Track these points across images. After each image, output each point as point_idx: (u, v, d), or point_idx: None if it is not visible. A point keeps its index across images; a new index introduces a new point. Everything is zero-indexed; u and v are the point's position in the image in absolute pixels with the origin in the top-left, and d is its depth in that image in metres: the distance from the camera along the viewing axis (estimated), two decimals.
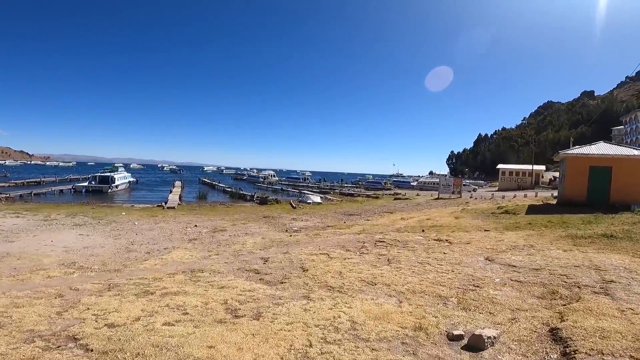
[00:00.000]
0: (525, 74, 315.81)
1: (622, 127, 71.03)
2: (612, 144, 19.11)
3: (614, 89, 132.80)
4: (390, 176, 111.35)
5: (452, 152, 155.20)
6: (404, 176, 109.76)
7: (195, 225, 15.72)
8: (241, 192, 40.54)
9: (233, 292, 5.23)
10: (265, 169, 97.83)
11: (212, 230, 14.43)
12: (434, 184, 61.26)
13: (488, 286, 5.03)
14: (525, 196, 35.51)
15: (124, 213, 20.43)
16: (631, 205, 14.73)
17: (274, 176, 76.00)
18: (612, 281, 4.84)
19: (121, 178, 44.33)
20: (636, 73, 69.17)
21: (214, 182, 58.77)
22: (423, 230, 12.20)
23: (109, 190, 38.58)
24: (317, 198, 34.82)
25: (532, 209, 16.63)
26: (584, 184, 16.74)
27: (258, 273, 6.78)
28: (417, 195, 45.94)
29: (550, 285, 4.87)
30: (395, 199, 40.09)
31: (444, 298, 4.66)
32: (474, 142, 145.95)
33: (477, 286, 5.05)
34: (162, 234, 13.27)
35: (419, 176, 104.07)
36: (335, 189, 57.75)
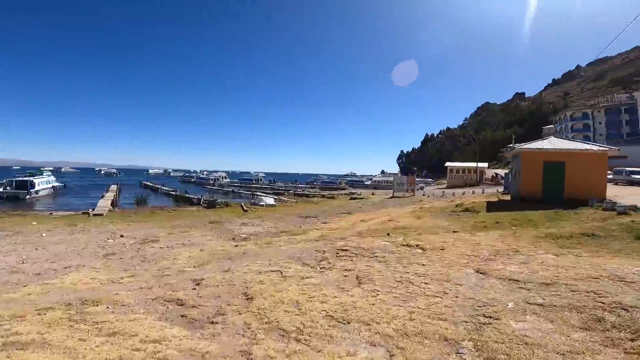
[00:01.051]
0: (466, 76, 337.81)
1: (552, 126, 77.24)
2: (563, 138, 19.39)
3: (542, 90, 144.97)
4: (344, 176, 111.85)
5: (402, 151, 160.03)
6: (357, 176, 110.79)
7: (122, 236, 13.10)
8: (187, 195, 37.17)
9: (127, 345, 3.33)
10: (216, 171, 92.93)
11: (141, 240, 11.98)
12: (387, 182, 61.94)
13: (504, 315, 3.66)
14: (473, 193, 36.39)
15: (34, 222, 16.96)
16: (589, 200, 14.71)
17: (226, 178, 72.22)
18: None
19: (43, 183, 38.66)
20: (562, 75, 75.55)
21: (157, 186, 53.98)
22: (388, 234, 10.91)
23: (27, 197, 33.30)
24: (270, 200, 32.75)
25: (491, 207, 16.20)
26: (539, 179, 16.65)
27: (182, 305, 4.88)
28: (372, 194, 45.65)
29: (584, 308, 3.64)
30: (352, 198, 39.27)
31: (454, 342, 3.19)
32: (422, 142, 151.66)
33: (490, 317, 3.66)
34: (71, 247, 10.61)
35: (372, 175, 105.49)
36: (289, 190, 55.89)
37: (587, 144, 17.78)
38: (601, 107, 64.79)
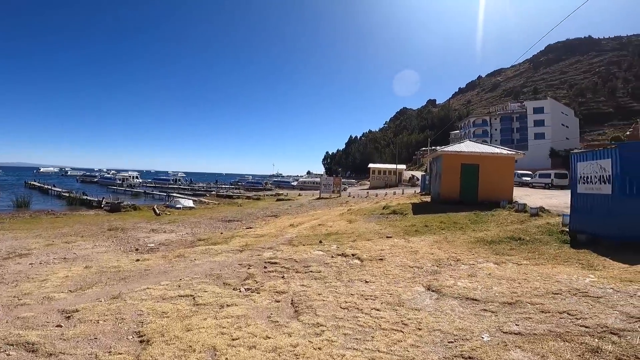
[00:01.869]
0: (388, 81, 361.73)
1: (458, 131, 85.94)
2: (477, 142, 20.88)
3: (450, 98, 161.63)
4: (270, 176, 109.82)
5: (327, 152, 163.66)
6: (283, 176, 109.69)
7: None
8: (84, 197, 31.94)
9: None
10: (127, 170, 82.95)
11: (3, 256, 9.16)
12: (314, 183, 62.05)
13: (486, 354, 2.89)
14: (394, 194, 38.04)
15: None
16: (500, 202, 15.76)
17: (137, 177, 64.76)
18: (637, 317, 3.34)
19: None
20: (466, 85, 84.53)
21: (46, 186, 45.88)
22: (321, 242, 10.02)
23: None
24: (189, 202, 29.78)
25: (417, 209, 16.50)
26: (457, 181, 17.51)
27: (33, 352, 3.27)
28: (299, 195, 45.00)
29: (570, 335, 3.10)
30: (278, 199, 38.03)
31: None
32: (346, 143, 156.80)
33: (471, 358, 2.85)
34: None
35: (298, 176, 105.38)
36: (212, 191, 52.36)
37: (498, 147, 19.32)
38: (497, 114, 73.77)
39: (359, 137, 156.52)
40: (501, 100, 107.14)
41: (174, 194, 39.56)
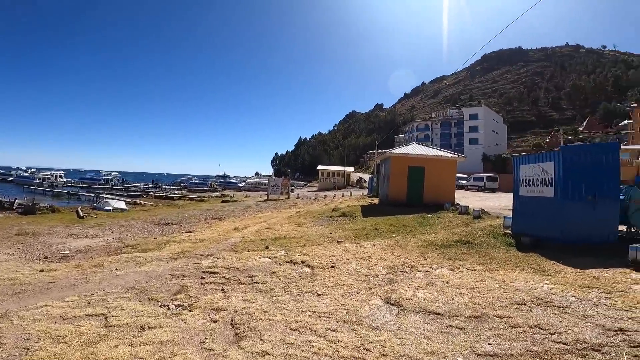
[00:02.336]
0: (338, 85, 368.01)
1: (402, 135, 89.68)
2: (423, 145, 21.43)
3: (396, 103, 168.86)
4: (216, 177, 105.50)
5: (276, 153, 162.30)
6: (230, 177, 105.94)
7: None
8: None
9: None
10: (53, 169, 73.78)
11: None
12: (261, 184, 60.49)
13: None
14: (343, 195, 38.23)
15: None
16: (444, 204, 16.20)
17: (61, 176, 57.96)
18: (618, 330, 3.11)
19: None
20: (411, 90, 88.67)
21: None
22: (267, 247, 9.26)
23: None
24: (120, 204, 27.03)
25: (366, 211, 16.38)
26: (404, 183, 17.75)
27: None
28: (246, 196, 43.41)
29: (550, 355, 2.74)
30: (223, 201, 36.22)
31: None
32: (296, 145, 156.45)
33: None
34: None
35: (246, 177, 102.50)
36: (150, 192, 48.52)
37: (441, 150, 20.01)
38: (438, 120, 78.23)
39: (308, 139, 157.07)
40: (441, 106, 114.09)
41: (104, 195, 35.89)
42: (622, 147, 55.20)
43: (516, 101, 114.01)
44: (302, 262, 7.13)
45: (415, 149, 18.85)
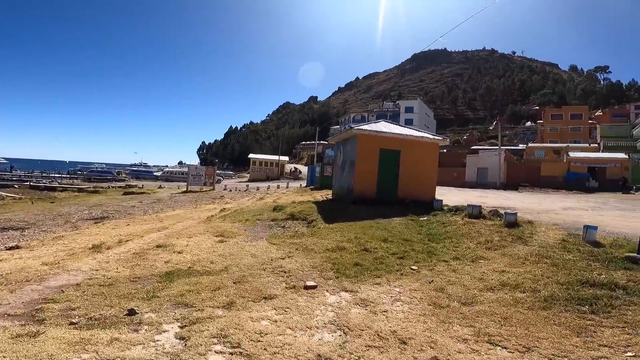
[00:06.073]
0: (272, 75, 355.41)
1: (338, 126, 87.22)
2: (392, 122, 16.87)
3: (330, 96, 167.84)
4: (130, 165, 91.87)
5: (203, 142, 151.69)
6: (148, 165, 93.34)
7: None
8: None
9: None
10: None
11: None
12: (182, 174, 51.95)
13: None
14: (278, 187, 32.97)
15: None
16: (427, 202, 11.90)
17: None
18: None
19: None
20: (345, 85, 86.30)
21: None
22: (132, 313, 3.50)
23: None
24: None
25: (325, 211, 11.27)
26: (374, 172, 13.04)
27: None
28: (160, 187, 35.30)
29: None
30: (125, 193, 28.09)
31: None
32: (225, 134, 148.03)
33: None
34: None
35: (166, 166, 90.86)
36: (25, 182, 37.33)
37: (419, 130, 15.66)
38: (374, 112, 77.05)
39: (239, 128, 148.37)
40: (373, 101, 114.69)
41: None
42: (535, 145, 59.11)
43: (439, 100, 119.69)
44: None
45: (387, 126, 14.18)
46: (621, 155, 36.58)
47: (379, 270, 5.02)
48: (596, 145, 52.56)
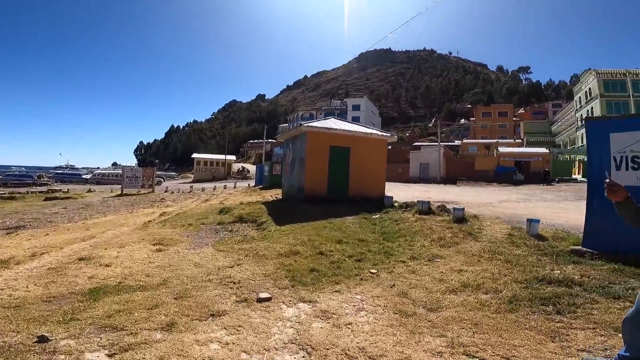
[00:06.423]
0: (217, 73, 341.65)
1: (287, 124, 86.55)
2: (341, 119, 16.65)
3: (278, 94, 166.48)
4: (55, 168, 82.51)
5: (141, 142, 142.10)
6: (75, 168, 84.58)
7: None
8: None
9: None
10: None
11: None
12: (116, 176, 47.71)
13: None
14: (225, 187, 31.69)
15: None
16: (377, 199, 11.94)
17: None
18: None
19: None
20: (293, 83, 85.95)
21: None
22: (41, 340, 2.75)
23: None
24: None
25: (275, 211, 10.78)
26: (325, 170, 12.80)
27: None
28: (90, 191, 31.91)
29: None
30: (48, 198, 24.85)
31: None
32: (166, 133, 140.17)
33: None
34: None
35: (97, 168, 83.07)
36: None
37: (367, 127, 15.69)
38: (322, 110, 77.56)
39: (182, 127, 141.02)
40: (321, 99, 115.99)
41: None
42: (468, 141, 63.92)
43: (383, 98, 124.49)
44: None
45: (337, 123, 13.99)
46: (543, 150, 40.66)
47: (337, 275, 4.69)
48: (520, 140, 58.06)
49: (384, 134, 14.25)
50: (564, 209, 11.83)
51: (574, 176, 37.43)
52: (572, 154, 43.23)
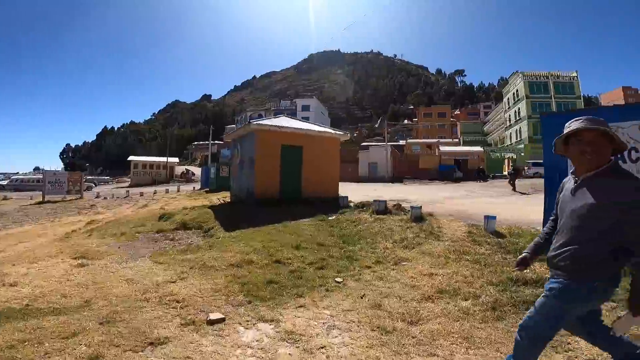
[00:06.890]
0: (157, 73, 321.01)
1: (234, 125, 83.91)
2: (291, 117, 16.04)
3: (225, 95, 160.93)
4: None
5: (68, 145, 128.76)
6: None
7: None
8: None
9: None
10: None
11: None
12: (37, 181, 42.23)
13: None
14: (167, 192, 29.48)
15: None
16: (332, 199, 11.61)
17: None
18: None
19: None
20: (241, 84, 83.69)
21: None
22: None
23: None
24: None
25: (223, 216, 9.92)
26: (276, 171, 12.17)
27: None
28: (5, 199, 27.72)
29: None
30: None
31: None
32: (98, 135, 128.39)
33: None
34: None
35: (15, 173, 73.30)
36: None
37: (319, 125, 15.25)
38: (272, 110, 76.52)
39: (117, 128, 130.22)
40: (271, 100, 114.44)
41: None
42: (412, 141, 67.19)
43: (332, 99, 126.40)
44: None
45: (289, 121, 13.39)
46: (478, 149, 43.72)
47: (299, 287, 4.14)
48: (457, 140, 62.07)
49: (338, 132, 13.98)
50: (505, 204, 12.47)
51: (504, 172, 40.75)
52: (503, 152, 47.11)
